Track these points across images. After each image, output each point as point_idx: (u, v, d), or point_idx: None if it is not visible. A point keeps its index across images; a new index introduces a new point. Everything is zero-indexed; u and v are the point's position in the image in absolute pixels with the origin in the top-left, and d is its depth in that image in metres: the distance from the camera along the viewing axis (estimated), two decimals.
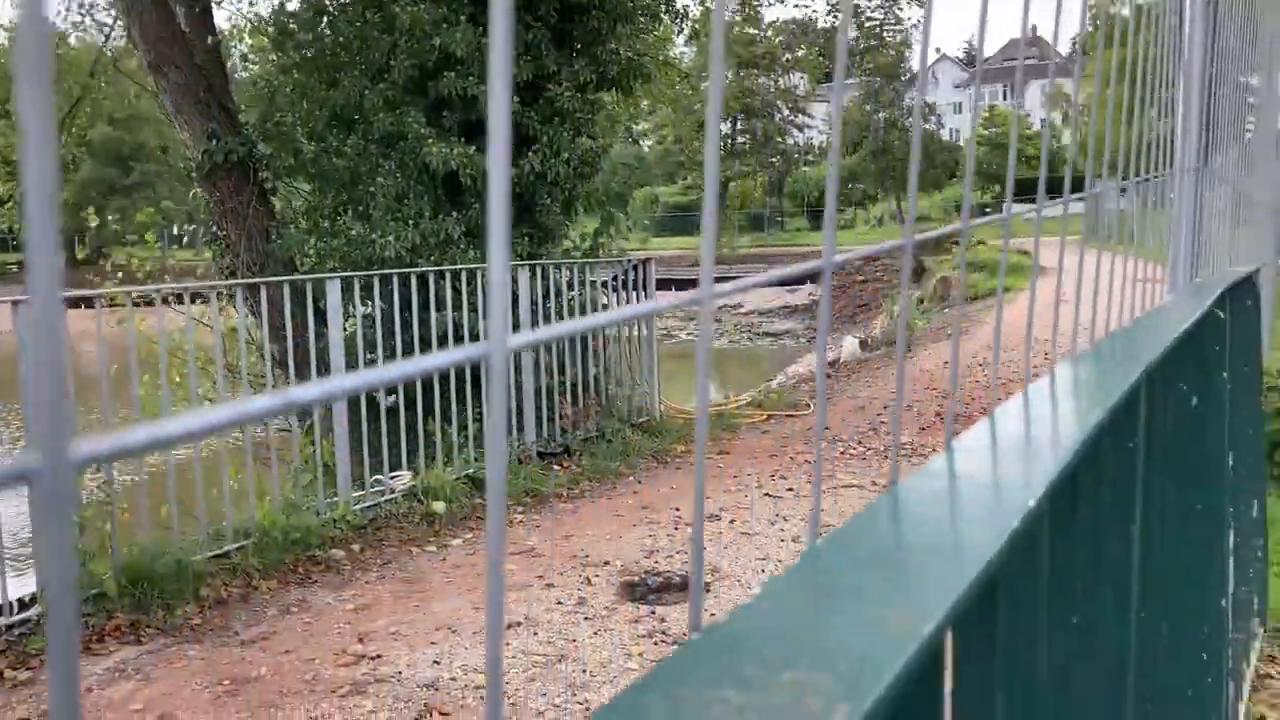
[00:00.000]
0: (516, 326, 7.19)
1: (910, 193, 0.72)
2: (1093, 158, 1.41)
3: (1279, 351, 7.23)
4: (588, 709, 3.70)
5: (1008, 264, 1.37)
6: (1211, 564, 2.47)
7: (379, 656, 4.24)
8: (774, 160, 45.68)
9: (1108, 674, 1.17)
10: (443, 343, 6.66)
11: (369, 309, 7.46)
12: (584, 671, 4.01)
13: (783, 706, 0.39)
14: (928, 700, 0.53)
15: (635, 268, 8.39)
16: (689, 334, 31.46)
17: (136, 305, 5.46)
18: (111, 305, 5.42)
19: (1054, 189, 1.47)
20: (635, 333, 8.59)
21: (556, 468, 7.26)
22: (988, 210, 33.75)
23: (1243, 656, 3.52)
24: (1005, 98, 54.33)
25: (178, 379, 5.91)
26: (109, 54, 14.95)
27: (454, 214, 8.15)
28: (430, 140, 8.00)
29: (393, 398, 6.90)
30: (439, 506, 6.12)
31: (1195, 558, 2.18)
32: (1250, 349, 3.54)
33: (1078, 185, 1.49)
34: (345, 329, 6.80)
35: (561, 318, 7.64)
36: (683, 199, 47.85)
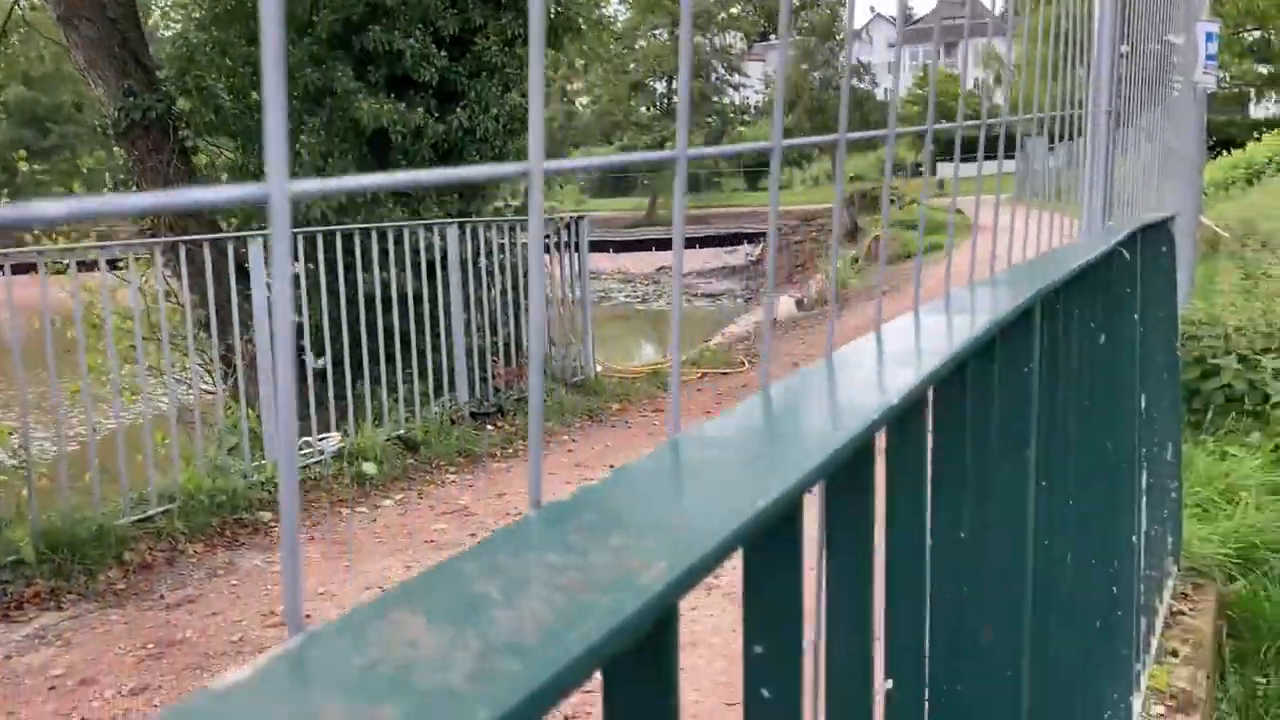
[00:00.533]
0: (446, 284, 7.12)
1: (777, 97, 0.71)
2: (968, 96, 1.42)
3: (1198, 301, 7.42)
4: None
5: (936, 222, 1.36)
6: (1121, 501, 2.53)
7: (308, 616, 4.18)
8: (710, 120, 45.56)
9: (1001, 593, 1.18)
10: (369, 303, 6.57)
11: (295, 269, 7.33)
12: None
13: (601, 565, 0.38)
14: (779, 576, 0.52)
15: (567, 226, 8.33)
16: (627, 296, 31.44)
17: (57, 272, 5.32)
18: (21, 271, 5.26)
19: (985, 146, 1.50)
20: (569, 293, 8.55)
21: (490, 428, 7.22)
22: (919, 166, 33.99)
23: (1156, 593, 3.62)
24: (938, 57, 54.62)
25: (99, 344, 5.76)
26: (19, 9, 14.39)
27: (382, 172, 8.01)
28: (359, 96, 7.84)
29: (322, 360, 6.80)
30: (369, 468, 6.06)
31: (1104, 493, 2.22)
32: (1164, 295, 3.60)
33: (999, 138, 1.50)
34: (270, 289, 6.68)
35: (492, 276, 7.57)
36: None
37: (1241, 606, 4.58)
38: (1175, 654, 3.77)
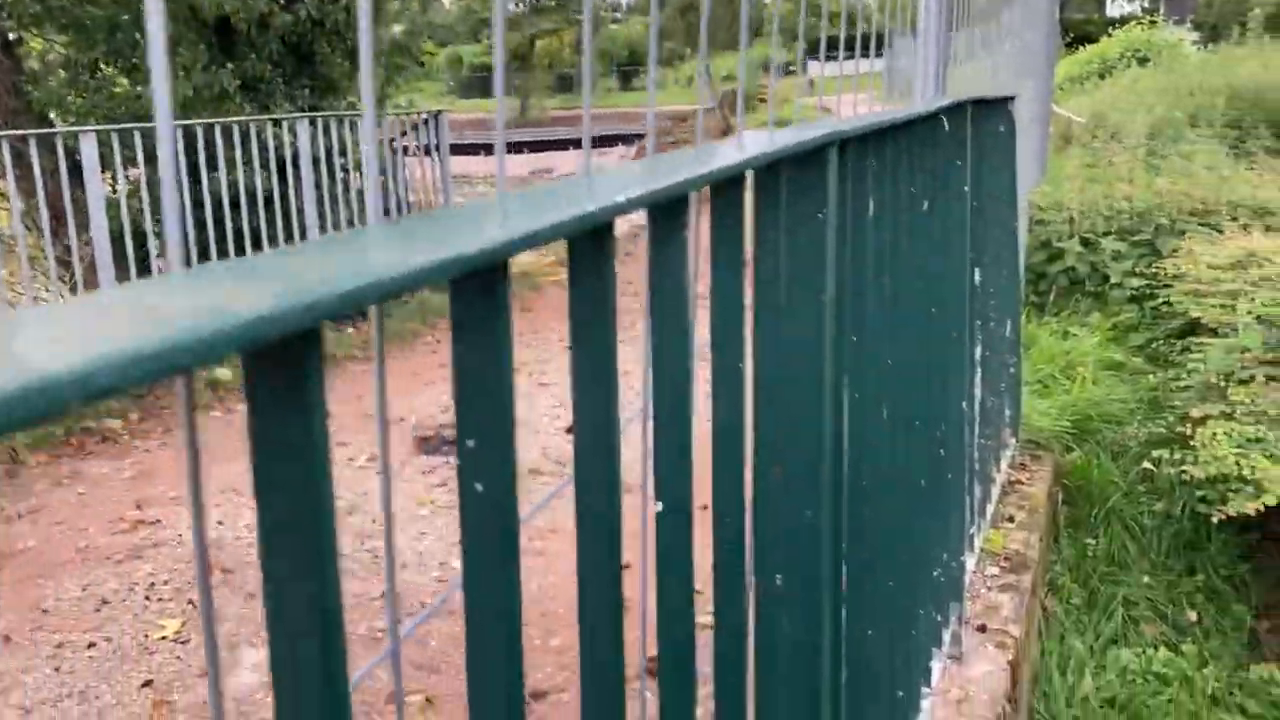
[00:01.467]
0: (299, 182, 6.88)
1: None
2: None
3: (1049, 185, 7.66)
4: (376, 557, 3.70)
5: (804, 121, 1.34)
6: (950, 368, 2.61)
7: (158, 522, 4.10)
8: (579, 16, 44.60)
9: (796, 433, 1.20)
10: (218, 203, 6.31)
11: (138, 171, 6.97)
12: (373, 522, 3.99)
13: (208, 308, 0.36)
14: (485, 358, 0.51)
15: (425, 122, 8.10)
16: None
17: None
18: None
19: (848, 45, 1.52)
20: (433, 196, 8.35)
21: (350, 330, 7.07)
22: (791, 68, 34.02)
23: (993, 462, 3.79)
24: None
25: None
26: None
27: (228, 65, 7.62)
28: None
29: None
30: (224, 373, 5.88)
31: (929, 358, 2.29)
32: (1002, 175, 3.69)
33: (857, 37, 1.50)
34: (113, 190, 6.35)
35: (348, 174, 7.34)
36: (489, 59, 46.43)
37: (1076, 475, 4.86)
38: (1012, 519, 3.97)
